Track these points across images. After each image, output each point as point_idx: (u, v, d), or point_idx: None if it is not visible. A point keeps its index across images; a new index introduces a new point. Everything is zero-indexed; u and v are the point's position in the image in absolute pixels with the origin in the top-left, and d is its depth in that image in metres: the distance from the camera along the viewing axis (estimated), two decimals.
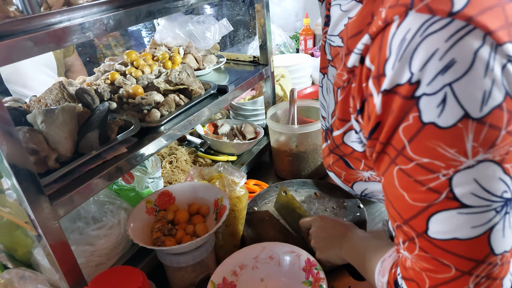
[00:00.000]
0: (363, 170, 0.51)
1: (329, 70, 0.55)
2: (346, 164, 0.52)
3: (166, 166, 1.11)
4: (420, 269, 0.41)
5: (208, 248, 0.78)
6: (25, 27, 0.52)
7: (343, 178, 0.56)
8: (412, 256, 0.42)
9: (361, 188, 0.55)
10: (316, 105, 1.25)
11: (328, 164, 0.57)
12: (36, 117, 0.68)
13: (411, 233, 0.41)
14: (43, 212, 0.58)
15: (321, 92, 0.59)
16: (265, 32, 1.13)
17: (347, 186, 0.57)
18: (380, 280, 0.52)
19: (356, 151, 0.48)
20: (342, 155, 0.52)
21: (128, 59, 0.99)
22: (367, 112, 0.41)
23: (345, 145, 0.50)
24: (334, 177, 0.58)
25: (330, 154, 0.55)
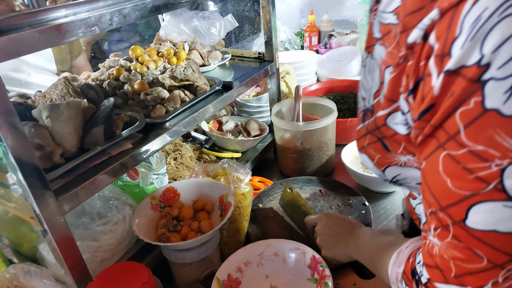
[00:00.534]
0: (401, 154, 0.49)
1: (376, 49, 0.52)
2: (383, 147, 0.51)
3: (171, 163, 1.10)
4: (449, 257, 0.41)
5: (213, 245, 0.78)
6: (30, 21, 0.52)
7: (375, 161, 0.54)
8: (443, 243, 0.41)
9: (393, 173, 0.53)
10: (321, 102, 1.25)
11: (362, 145, 0.55)
12: (41, 112, 0.68)
13: (446, 221, 0.40)
14: (49, 207, 0.58)
15: (364, 72, 0.57)
16: (271, 28, 1.13)
17: (379, 170, 0.55)
18: (396, 270, 0.52)
19: (399, 133, 0.47)
20: (381, 137, 0.50)
21: (133, 54, 0.98)
22: (421, 92, 0.39)
23: (387, 127, 0.48)
24: (366, 159, 0.56)
25: (367, 135, 0.53)
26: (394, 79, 0.44)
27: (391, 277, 0.53)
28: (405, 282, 0.49)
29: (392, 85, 0.45)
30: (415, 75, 0.40)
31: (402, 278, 0.50)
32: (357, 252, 0.68)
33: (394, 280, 0.52)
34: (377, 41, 0.52)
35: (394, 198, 1.07)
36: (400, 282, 0.50)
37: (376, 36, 0.52)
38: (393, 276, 0.52)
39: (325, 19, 2.09)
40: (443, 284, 0.42)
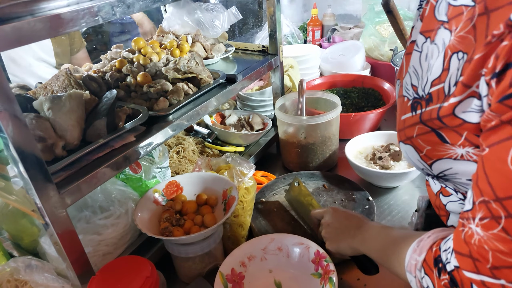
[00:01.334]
0: (460, 146, 0.47)
1: (439, 33, 0.50)
2: (439, 138, 0.48)
3: (173, 156, 1.09)
4: (489, 248, 0.40)
5: (216, 239, 0.77)
6: (32, 9, 0.51)
7: (423, 154, 0.51)
8: (486, 234, 0.40)
9: (443, 167, 0.51)
10: (325, 96, 1.23)
11: (409, 136, 0.53)
12: (42, 103, 0.67)
13: (499, 212, 0.39)
14: (51, 200, 0.57)
15: (418, 58, 0.54)
16: (275, 22, 1.11)
17: (425, 163, 0.53)
18: (415, 258, 0.50)
19: (467, 122, 0.44)
20: (438, 128, 0.48)
21: (135, 46, 0.97)
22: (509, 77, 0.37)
23: (454, 116, 0.45)
24: (412, 151, 0.53)
25: (417, 125, 0.50)
26: (478, 61, 0.41)
27: (408, 266, 0.51)
28: (424, 270, 0.48)
29: (474, 68, 0.42)
30: (507, 57, 0.38)
31: (422, 267, 0.48)
32: (365, 245, 0.66)
33: (412, 268, 0.50)
34: (442, 24, 0.49)
35: (398, 193, 1.06)
36: (418, 270, 0.49)
37: (441, 19, 0.49)
38: (411, 264, 0.51)
39: (328, 13, 2.07)
40: (474, 273, 0.41)
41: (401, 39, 1.22)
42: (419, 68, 0.53)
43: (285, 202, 0.99)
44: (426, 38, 0.52)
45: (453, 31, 0.46)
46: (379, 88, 1.46)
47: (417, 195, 1.05)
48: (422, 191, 1.05)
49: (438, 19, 0.49)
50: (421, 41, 0.53)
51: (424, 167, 0.54)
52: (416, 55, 0.54)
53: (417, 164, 0.55)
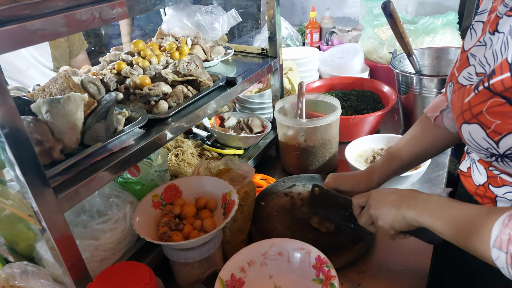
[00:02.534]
0: None
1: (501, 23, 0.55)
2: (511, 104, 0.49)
3: (172, 159, 1.08)
4: None
5: (216, 244, 0.76)
6: (32, 12, 0.50)
7: (491, 129, 0.52)
8: None
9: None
10: (325, 99, 1.23)
11: (475, 114, 0.53)
12: (40, 106, 0.66)
13: None
14: (48, 205, 0.56)
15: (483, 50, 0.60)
16: (274, 24, 1.11)
17: (492, 140, 0.53)
18: (508, 233, 0.47)
19: None
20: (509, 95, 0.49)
21: (134, 48, 0.96)
22: None
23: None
24: (477, 130, 0.54)
25: (491, 99, 0.52)
26: None
27: (496, 241, 0.48)
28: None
29: None
30: None
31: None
32: (429, 216, 0.61)
33: (504, 244, 0.47)
34: (501, 16, 0.55)
35: None
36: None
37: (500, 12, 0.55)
38: (502, 239, 0.48)
39: (327, 16, 2.07)
40: None
41: (400, 42, 1.22)
42: (482, 58, 0.58)
43: (284, 206, 0.98)
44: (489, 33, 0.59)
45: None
46: (378, 91, 1.45)
47: None
48: None
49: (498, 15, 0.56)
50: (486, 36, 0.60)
51: (490, 146, 0.54)
52: (481, 49, 0.60)
53: (481, 143, 0.55)
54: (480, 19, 0.64)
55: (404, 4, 2.12)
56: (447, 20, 1.56)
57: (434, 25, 1.56)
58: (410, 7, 2.13)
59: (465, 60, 0.65)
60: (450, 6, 1.88)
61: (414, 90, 1.25)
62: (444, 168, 1.15)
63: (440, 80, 1.20)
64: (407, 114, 1.35)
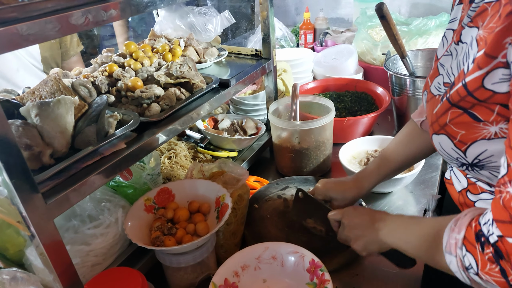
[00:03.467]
0: (492, 122, 0.49)
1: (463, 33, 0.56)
2: (471, 117, 0.50)
3: (165, 162, 1.07)
4: None
5: (209, 248, 0.76)
6: (19, 14, 0.49)
7: (458, 140, 0.53)
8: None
9: (478, 150, 0.52)
10: (319, 101, 1.23)
11: (442, 124, 0.55)
12: (30, 110, 0.65)
13: None
14: (37, 211, 0.55)
15: (448, 60, 0.61)
16: (268, 25, 1.10)
17: (459, 150, 0.54)
18: (454, 237, 0.49)
19: (497, 93, 0.46)
20: (469, 107, 0.50)
21: (126, 50, 0.95)
22: None
23: (484, 89, 0.47)
24: (445, 140, 0.55)
25: (450, 110, 0.53)
26: (500, 32, 0.44)
27: (447, 246, 0.50)
28: (465, 248, 0.47)
29: (496, 39, 0.45)
30: None
31: (463, 244, 0.47)
32: (392, 235, 0.64)
33: (452, 248, 0.49)
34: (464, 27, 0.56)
35: (391, 198, 1.06)
36: (459, 249, 0.48)
37: (463, 23, 0.56)
38: (450, 243, 0.50)
39: (320, 16, 2.07)
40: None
41: (394, 44, 1.22)
42: (449, 68, 0.58)
43: (278, 208, 0.98)
44: (455, 43, 0.59)
45: (481, 26, 0.50)
46: (372, 92, 1.46)
47: (411, 201, 1.05)
48: (416, 197, 1.05)
49: (462, 25, 0.56)
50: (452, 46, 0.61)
51: (459, 156, 0.55)
52: (448, 58, 0.60)
53: (450, 154, 0.56)
54: (451, 27, 0.64)
55: (397, 5, 2.13)
56: (440, 21, 1.57)
57: (427, 27, 1.57)
58: (403, 8, 2.13)
59: (436, 69, 0.65)
60: (443, 7, 1.90)
61: (408, 91, 1.26)
62: (437, 170, 1.15)
63: None
64: (400, 115, 1.35)
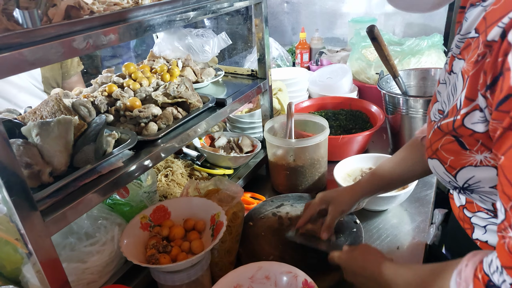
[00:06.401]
0: (477, 151, 0.51)
1: (454, 65, 0.59)
2: (460, 145, 0.53)
3: (162, 179, 1.09)
4: None
5: (204, 266, 0.76)
6: (24, 40, 0.51)
7: (448, 165, 0.56)
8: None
9: (466, 176, 0.54)
10: (313, 119, 1.25)
11: (434, 150, 0.58)
12: (31, 129, 0.67)
13: None
14: (35, 229, 0.56)
15: (445, 88, 0.62)
16: (264, 46, 1.14)
17: (450, 174, 0.57)
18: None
19: (477, 132, 0.50)
20: (458, 136, 0.53)
21: (126, 71, 0.98)
22: (500, 86, 0.42)
23: (464, 127, 0.51)
24: (438, 165, 0.58)
25: (442, 137, 0.56)
26: (473, 76, 0.48)
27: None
28: None
29: (471, 83, 0.48)
30: (492, 71, 0.43)
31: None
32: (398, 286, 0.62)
33: None
34: (455, 57, 0.58)
35: (386, 216, 1.07)
36: None
37: (454, 53, 0.58)
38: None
39: (316, 36, 2.13)
40: None
41: (386, 65, 1.26)
42: (445, 97, 0.60)
43: (272, 225, 0.99)
44: (447, 73, 0.61)
45: (466, 59, 0.53)
46: (366, 111, 1.49)
47: (406, 219, 1.06)
48: (411, 215, 1.06)
49: (453, 55, 0.58)
50: (446, 76, 0.63)
51: (450, 179, 0.58)
52: (443, 87, 0.62)
53: (443, 177, 0.59)
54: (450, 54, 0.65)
55: (391, 25, 2.18)
56: (432, 42, 1.61)
57: (419, 47, 1.61)
58: (397, 28, 2.19)
59: (435, 95, 0.68)
60: (436, 28, 1.95)
61: (401, 110, 1.29)
62: (432, 188, 1.17)
63: (425, 100, 1.24)
64: (394, 133, 1.38)
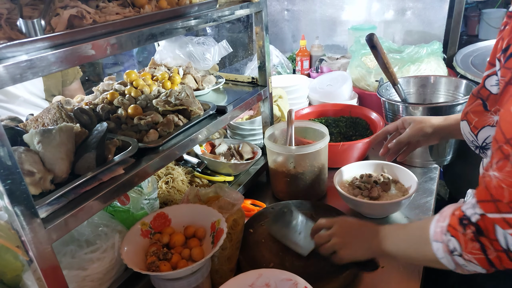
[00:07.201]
0: (495, 111, 0.60)
1: None
2: (483, 107, 0.63)
3: (162, 186, 1.09)
4: (506, 185, 0.47)
5: (204, 273, 0.76)
6: (27, 49, 0.52)
7: (473, 125, 0.66)
8: (501, 174, 0.48)
9: (485, 135, 0.63)
10: (313, 126, 1.26)
11: (465, 113, 0.68)
12: (33, 137, 0.67)
13: (509, 151, 0.47)
14: (36, 236, 0.57)
15: None
16: (264, 54, 1.15)
17: (473, 134, 0.66)
18: (440, 225, 0.57)
19: (492, 94, 0.59)
20: (483, 98, 0.63)
21: (127, 79, 0.99)
22: (510, 49, 0.49)
23: (485, 88, 0.61)
24: (465, 125, 0.68)
25: (474, 102, 0.65)
26: (496, 44, 0.55)
27: (434, 235, 0.58)
28: (450, 233, 0.55)
29: (493, 50, 0.56)
30: (508, 37, 0.50)
31: (447, 231, 0.56)
32: (387, 241, 0.71)
33: (438, 235, 0.57)
34: None
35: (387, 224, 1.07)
36: (444, 235, 0.56)
37: None
38: (436, 232, 0.57)
39: (316, 44, 2.14)
40: (496, 213, 0.49)
41: (385, 72, 1.27)
42: None
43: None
44: None
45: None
46: (366, 118, 1.49)
47: None
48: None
49: None
50: None
51: (473, 139, 0.67)
52: None
53: (468, 137, 0.68)
54: None
55: (391, 33, 2.20)
56: (431, 49, 1.63)
57: (419, 54, 1.62)
58: (397, 35, 2.21)
59: None
60: (435, 35, 1.96)
61: (401, 117, 1.29)
62: (432, 194, 1.17)
63: (425, 108, 1.24)
64: None
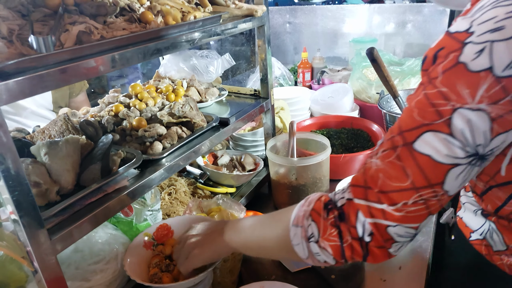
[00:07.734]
0: None
1: None
2: None
3: (165, 198, 1.10)
4: (383, 175, 0.49)
5: (206, 286, 0.77)
6: (38, 64, 0.54)
7: None
8: (383, 163, 0.50)
9: None
10: (315, 138, 1.27)
11: None
12: (40, 149, 0.69)
13: (399, 142, 0.49)
14: (42, 247, 0.57)
15: None
16: (266, 66, 1.17)
17: None
18: (304, 209, 0.57)
19: None
20: None
21: (132, 91, 1.01)
22: None
23: None
24: None
25: None
26: None
27: (294, 219, 0.57)
28: (312, 217, 0.55)
29: None
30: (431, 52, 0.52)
31: (310, 215, 0.55)
32: (237, 232, 0.69)
33: (299, 219, 0.56)
34: None
35: None
36: (306, 219, 0.55)
37: None
38: (298, 216, 0.56)
39: (318, 56, 2.17)
40: (363, 200, 0.50)
41: (386, 85, 1.28)
42: None
43: None
44: None
45: None
46: (367, 129, 1.50)
47: None
48: None
49: None
50: None
51: None
52: None
53: None
54: None
55: (392, 45, 2.23)
56: None
57: (419, 67, 1.64)
58: (397, 48, 2.24)
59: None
60: None
61: None
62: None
63: None
64: None
